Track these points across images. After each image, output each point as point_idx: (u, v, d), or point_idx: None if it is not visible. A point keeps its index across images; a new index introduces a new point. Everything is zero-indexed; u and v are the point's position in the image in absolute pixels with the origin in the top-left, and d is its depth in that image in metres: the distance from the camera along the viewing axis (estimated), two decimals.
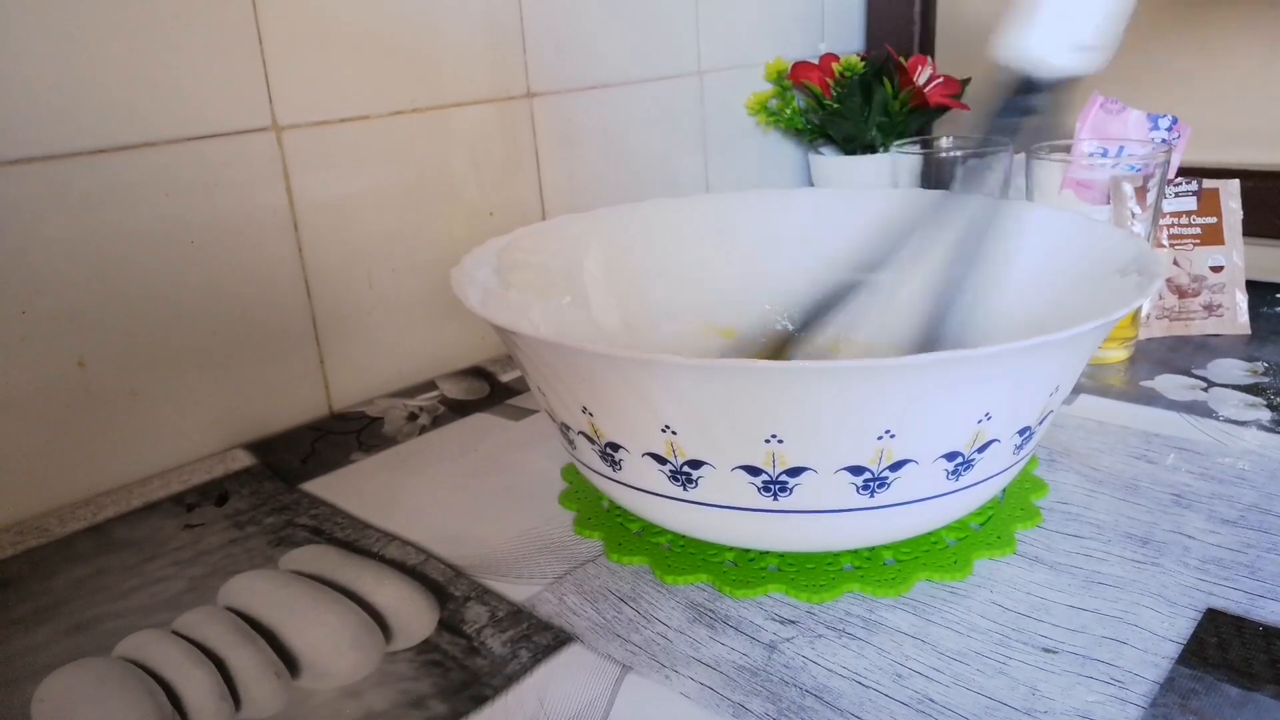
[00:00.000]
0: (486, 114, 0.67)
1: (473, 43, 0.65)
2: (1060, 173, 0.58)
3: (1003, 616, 0.37)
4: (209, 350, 0.55)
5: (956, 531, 0.42)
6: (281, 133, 0.56)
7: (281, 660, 0.37)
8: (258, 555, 0.45)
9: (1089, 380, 0.59)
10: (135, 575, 0.44)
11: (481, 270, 0.46)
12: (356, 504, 0.49)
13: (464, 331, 0.68)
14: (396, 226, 0.63)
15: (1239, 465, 0.48)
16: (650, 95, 0.80)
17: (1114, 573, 0.40)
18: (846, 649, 0.36)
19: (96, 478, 0.52)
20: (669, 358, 0.33)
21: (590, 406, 0.37)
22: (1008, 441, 0.37)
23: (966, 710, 0.32)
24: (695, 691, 0.34)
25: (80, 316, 0.50)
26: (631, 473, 0.39)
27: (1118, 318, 0.34)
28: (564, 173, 0.73)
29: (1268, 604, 0.37)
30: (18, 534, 0.48)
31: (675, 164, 0.84)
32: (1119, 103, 0.65)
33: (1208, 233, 0.65)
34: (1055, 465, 0.49)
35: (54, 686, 0.36)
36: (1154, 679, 0.33)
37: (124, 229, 0.51)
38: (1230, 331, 0.64)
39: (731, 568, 0.41)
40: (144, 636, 0.39)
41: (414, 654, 0.37)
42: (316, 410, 0.61)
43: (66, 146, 0.48)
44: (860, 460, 0.35)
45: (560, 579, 0.41)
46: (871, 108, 0.87)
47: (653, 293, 0.54)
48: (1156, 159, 0.57)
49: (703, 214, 0.58)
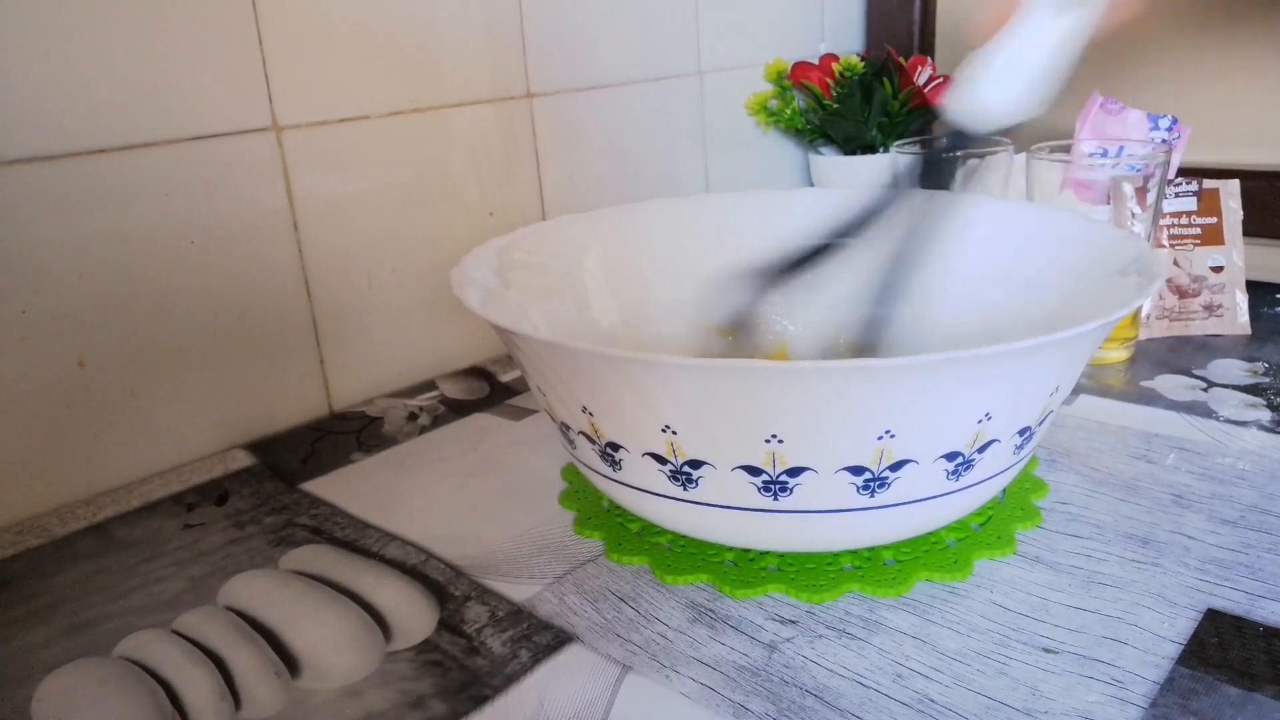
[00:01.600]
0: (486, 114, 0.67)
1: (473, 43, 0.65)
2: (1060, 173, 0.58)
3: (1003, 617, 0.37)
4: (209, 350, 0.55)
5: (957, 531, 0.42)
6: (281, 133, 0.56)
7: (281, 660, 0.37)
8: (258, 555, 0.45)
9: (1089, 380, 0.59)
10: (135, 575, 0.44)
11: (481, 270, 0.46)
12: (356, 504, 0.49)
13: (464, 331, 0.68)
14: (396, 226, 0.63)
15: (1239, 465, 0.48)
16: (650, 95, 0.80)
17: (1114, 573, 0.40)
18: (847, 649, 0.36)
19: (96, 478, 0.52)
20: (669, 358, 0.33)
21: (590, 406, 0.37)
22: (1008, 441, 0.37)
23: (967, 710, 0.32)
24: (695, 691, 0.34)
25: (80, 316, 0.50)
26: (631, 473, 0.39)
27: (1118, 318, 0.34)
28: (564, 173, 0.73)
29: (1268, 604, 0.37)
30: (18, 534, 0.48)
31: (675, 164, 0.84)
32: (1119, 103, 0.65)
33: (1208, 233, 0.65)
34: (1055, 465, 0.49)
35: (54, 686, 0.36)
36: (1154, 679, 0.33)
37: (124, 229, 0.51)
38: (1230, 332, 0.64)
39: (731, 568, 0.41)
40: (144, 636, 0.39)
41: (414, 654, 0.37)
42: (316, 410, 0.61)
43: (66, 146, 0.48)
44: (860, 460, 0.35)
45: (560, 579, 0.41)
46: (871, 108, 0.87)
47: (653, 293, 0.54)
48: (1156, 159, 0.57)
49: (703, 214, 0.58)
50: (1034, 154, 0.58)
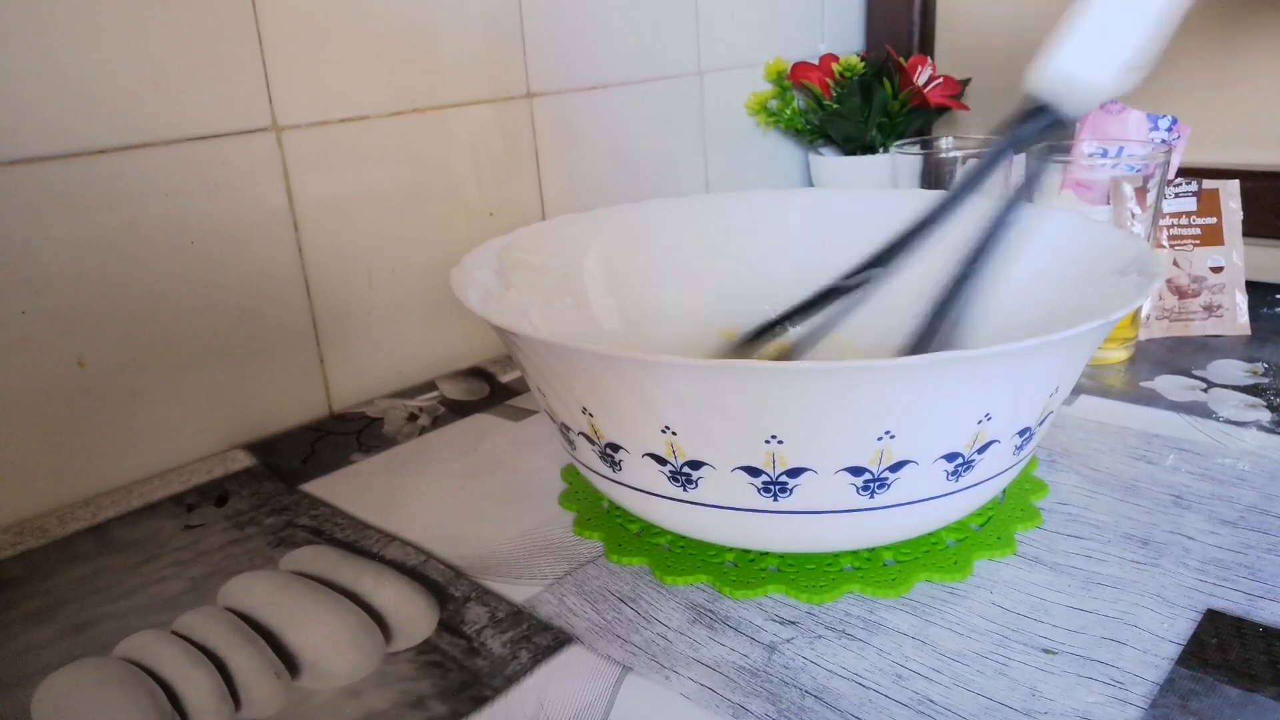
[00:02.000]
0: (486, 114, 0.67)
1: (473, 43, 0.65)
2: (1060, 173, 0.58)
3: (1003, 617, 0.37)
4: (209, 350, 0.55)
5: (956, 532, 0.42)
6: (281, 133, 0.56)
7: (281, 660, 0.37)
8: (258, 556, 0.45)
9: (1089, 381, 0.59)
10: (135, 575, 0.44)
11: (481, 270, 0.46)
12: (356, 504, 0.49)
13: (464, 331, 0.68)
14: (396, 226, 0.63)
15: (1239, 466, 0.48)
16: (650, 95, 0.80)
17: (1114, 573, 0.40)
18: (846, 650, 0.36)
19: (96, 478, 0.52)
20: (669, 358, 0.33)
21: (590, 407, 0.37)
22: (1008, 442, 0.37)
23: (966, 711, 0.32)
24: (695, 692, 0.34)
25: (80, 316, 0.50)
26: (631, 473, 0.39)
27: (1118, 318, 0.34)
28: (564, 173, 0.73)
29: (1268, 604, 0.37)
30: (18, 534, 0.48)
31: (675, 164, 0.84)
32: (1119, 103, 0.65)
33: (1208, 233, 0.65)
34: (1055, 466, 0.49)
35: (54, 686, 0.36)
36: (1154, 680, 0.33)
37: (123, 229, 0.51)
38: (1230, 332, 0.64)
39: (731, 568, 0.41)
40: (144, 637, 0.39)
41: (414, 654, 0.37)
42: (316, 410, 0.61)
43: (66, 146, 0.48)
44: (860, 461, 0.35)
45: (560, 580, 0.41)
46: (871, 108, 0.87)
47: (653, 293, 0.54)
48: (1156, 159, 0.57)
49: (703, 214, 0.58)
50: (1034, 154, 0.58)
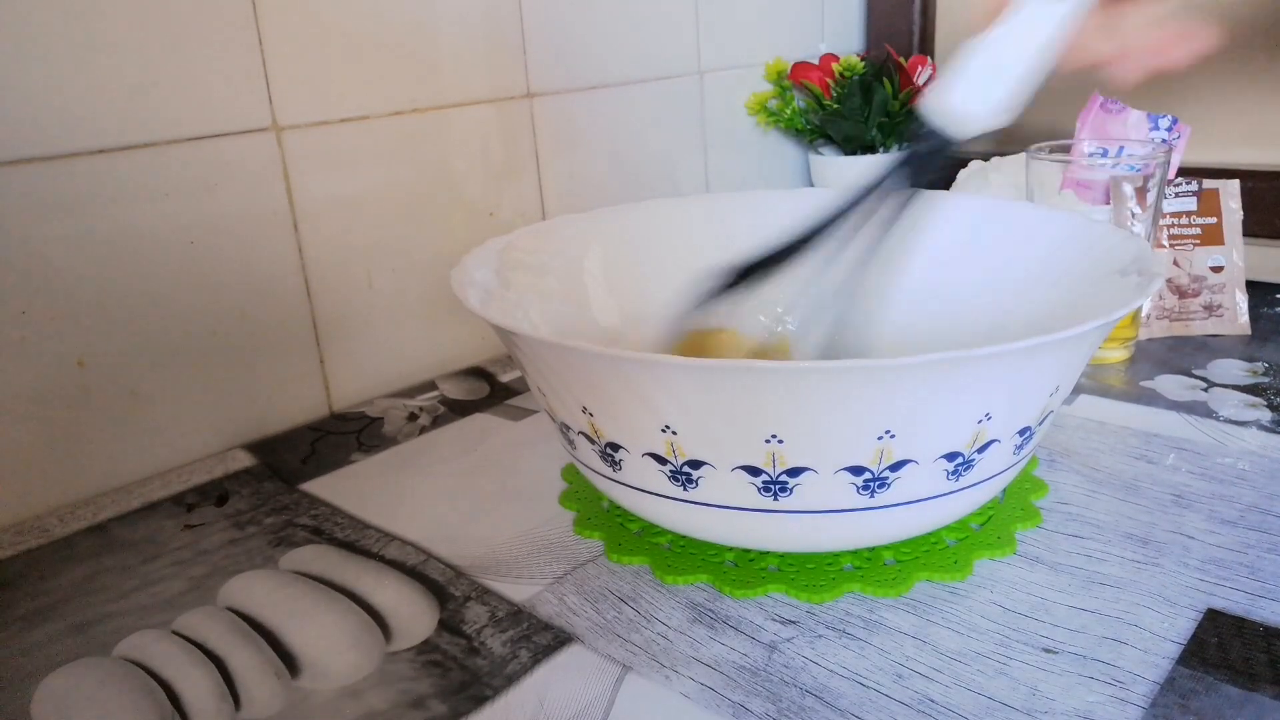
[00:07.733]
0: (486, 114, 0.67)
1: (473, 43, 0.65)
2: (1060, 173, 0.58)
3: (1003, 617, 0.37)
4: (209, 350, 0.55)
5: (957, 532, 0.42)
6: (281, 133, 0.56)
7: (281, 660, 0.37)
8: (258, 555, 0.45)
9: (1089, 380, 0.59)
10: (135, 575, 0.44)
11: (481, 270, 0.46)
12: (356, 504, 0.49)
13: (464, 331, 0.68)
14: (396, 226, 0.63)
15: (1239, 465, 0.48)
16: (650, 95, 0.80)
17: (1114, 573, 0.40)
18: (847, 649, 0.36)
19: (96, 478, 0.52)
20: (669, 358, 0.33)
21: (590, 406, 0.37)
22: (1008, 441, 0.37)
23: (967, 710, 0.32)
24: (695, 692, 0.34)
25: (80, 316, 0.50)
26: (631, 473, 0.39)
27: (1118, 318, 0.34)
28: (564, 173, 0.73)
29: (1268, 604, 0.37)
30: (18, 534, 0.48)
31: (675, 164, 0.84)
32: (1119, 103, 0.65)
33: (1208, 233, 0.65)
34: (1055, 465, 0.49)
35: (54, 686, 0.36)
36: (1154, 679, 0.33)
37: (124, 229, 0.51)
38: (1230, 332, 0.64)
39: (731, 568, 0.41)
40: (144, 637, 0.39)
41: (414, 654, 0.37)
42: (316, 410, 0.61)
43: (66, 146, 0.48)
44: (860, 460, 0.35)
45: (560, 579, 0.41)
46: (871, 108, 0.87)
47: (653, 293, 0.54)
48: (1156, 159, 0.57)
49: (703, 214, 0.58)
50: (1034, 154, 0.58)
